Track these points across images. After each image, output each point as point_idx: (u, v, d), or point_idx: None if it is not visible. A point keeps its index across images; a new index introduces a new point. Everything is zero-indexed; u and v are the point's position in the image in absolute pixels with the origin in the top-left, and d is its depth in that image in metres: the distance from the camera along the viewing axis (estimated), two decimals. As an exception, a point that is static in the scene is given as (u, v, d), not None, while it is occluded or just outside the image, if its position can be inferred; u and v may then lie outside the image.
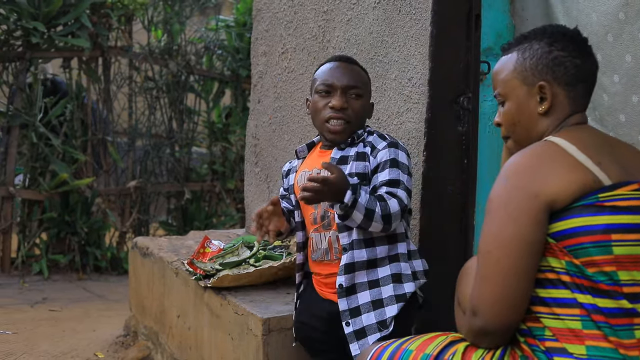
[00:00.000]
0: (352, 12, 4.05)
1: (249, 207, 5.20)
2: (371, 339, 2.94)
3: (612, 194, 2.12)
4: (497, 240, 2.15)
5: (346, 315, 3.00)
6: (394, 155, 3.00)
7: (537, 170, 2.16)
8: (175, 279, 4.33)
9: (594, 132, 2.34)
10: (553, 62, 2.34)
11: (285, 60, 4.72)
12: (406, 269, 3.06)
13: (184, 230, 8.17)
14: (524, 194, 2.13)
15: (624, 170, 2.19)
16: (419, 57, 3.60)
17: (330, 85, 3.12)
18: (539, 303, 2.17)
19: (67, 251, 7.67)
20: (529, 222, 2.12)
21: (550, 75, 2.34)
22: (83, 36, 7.50)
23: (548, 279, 2.15)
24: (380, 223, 2.86)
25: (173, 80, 8.41)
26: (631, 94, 2.83)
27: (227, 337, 3.71)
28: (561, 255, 2.13)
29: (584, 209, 2.11)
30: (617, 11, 2.88)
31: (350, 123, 3.10)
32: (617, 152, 2.26)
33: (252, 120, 5.20)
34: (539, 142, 2.27)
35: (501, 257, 2.14)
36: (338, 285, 3.01)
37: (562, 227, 2.13)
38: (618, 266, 2.09)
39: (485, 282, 2.17)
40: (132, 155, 8.41)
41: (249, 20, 8.24)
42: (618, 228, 2.10)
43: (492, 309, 2.15)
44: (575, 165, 2.15)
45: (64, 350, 5.01)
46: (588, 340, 2.08)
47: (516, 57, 2.41)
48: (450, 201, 3.61)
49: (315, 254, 3.16)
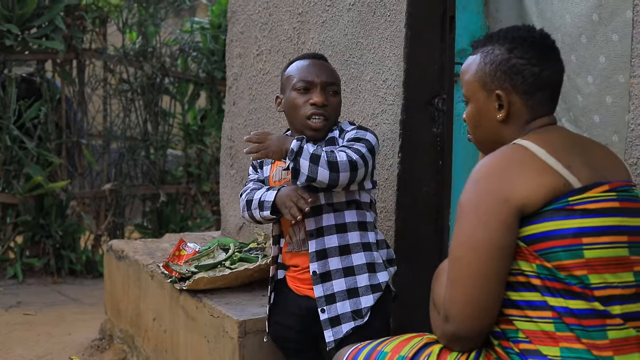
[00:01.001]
0: (326, 14, 4.05)
1: (225, 209, 5.19)
2: (345, 327, 2.99)
3: (582, 197, 2.13)
4: (468, 245, 2.16)
5: (322, 302, 3.03)
6: (361, 135, 3.04)
7: (507, 174, 2.15)
8: (151, 281, 4.32)
9: (563, 133, 2.34)
10: (511, 70, 2.32)
11: (261, 62, 4.72)
12: (378, 257, 3.11)
13: (159, 233, 8.14)
14: (494, 198, 2.13)
15: (595, 171, 2.20)
16: (394, 58, 3.60)
17: (310, 82, 3.12)
18: (511, 306, 2.18)
19: (42, 254, 7.62)
20: (499, 226, 2.12)
21: (508, 84, 2.33)
22: (57, 38, 7.45)
23: (519, 282, 2.16)
24: (326, 169, 2.87)
25: (148, 83, 8.36)
26: (605, 95, 2.85)
27: (203, 339, 3.70)
28: (532, 259, 2.13)
29: (554, 213, 2.12)
30: (591, 13, 2.89)
31: (329, 120, 3.12)
32: (588, 152, 2.26)
33: (228, 122, 5.19)
34: (509, 145, 2.26)
35: (472, 262, 2.14)
36: (312, 273, 3.04)
37: (533, 231, 2.13)
38: (589, 269, 2.10)
39: (457, 286, 2.17)
40: (107, 158, 8.35)
41: (224, 22, 8.21)
42: (589, 231, 2.11)
43: (463, 313, 2.16)
44: (545, 168, 2.15)
45: (39, 354, 4.98)
46: (562, 342, 2.09)
47: (478, 60, 2.39)
48: (425, 202, 3.62)
49: (291, 245, 3.16)
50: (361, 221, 3.09)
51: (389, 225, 3.64)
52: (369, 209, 3.14)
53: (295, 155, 2.89)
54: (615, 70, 2.81)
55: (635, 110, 2.62)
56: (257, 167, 3.36)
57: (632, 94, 2.64)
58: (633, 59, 2.65)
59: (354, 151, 2.95)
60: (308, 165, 2.87)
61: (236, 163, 5.05)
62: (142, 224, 8.55)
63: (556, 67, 2.36)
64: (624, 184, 2.22)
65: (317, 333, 3.11)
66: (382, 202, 3.66)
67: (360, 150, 2.96)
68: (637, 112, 2.61)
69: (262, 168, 3.34)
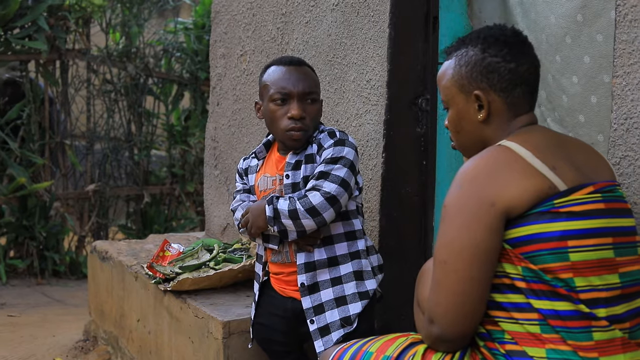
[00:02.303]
0: (310, 14, 4.05)
1: (209, 210, 5.18)
2: (335, 335, 2.98)
3: (567, 199, 2.13)
4: (453, 248, 2.15)
5: (310, 313, 3.01)
6: (337, 153, 2.99)
7: (492, 177, 2.15)
8: (135, 283, 4.30)
9: (547, 134, 2.34)
10: (487, 69, 2.33)
11: (244, 62, 4.71)
12: (366, 265, 3.09)
13: (143, 234, 8.13)
14: (479, 202, 2.13)
15: (579, 172, 2.20)
16: (378, 59, 3.61)
17: (287, 93, 3.06)
18: (496, 307, 2.18)
19: (26, 256, 7.59)
20: (484, 230, 2.12)
21: (485, 83, 2.34)
22: (40, 39, 7.43)
23: (504, 284, 2.16)
24: (309, 218, 2.90)
25: (131, 83, 8.35)
26: (590, 95, 2.85)
27: (187, 340, 3.69)
28: (517, 262, 2.13)
29: (539, 216, 2.12)
30: (575, 13, 2.90)
31: (308, 130, 3.08)
32: (572, 152, 2.26)
33: (212, 122, 5.19)
34: (493, 146, 2.26)
35: (457, 265, 2.14)
36: (300, 285, 3.02)
37: (518, 234, 2.13)
38: (574, 272, 2.10)
39: (441, 289, 2.17)
40: (90, 159, 8.33)
41: (208, 22, 8.20)
42: (574, 234, 2.11)
43: (448, 316, 2.16)
44: (530, 171, 2.15)
45: (22, 356, 4.96)
46: (548, 344, 2.09)
47: (453, 64, 2.41)
48: (409, 202, 3.62)
49: (275, 257, 3.15)
50: (349, 231, 3.08)
51: (373, 225, 3.64)
52: (356, 215, 3.12)
53: (275, 220, 2.95)
54: (599, 70, 2.81)
55: (618, 110, 2.63)
56: (242, 175, 3.34)
57: (614, 94, 2.65)
58: (616, 59, 2.66)
59: (332, 180, 2.94)
60: (292, 223, 2.93)
61: (220, 164, 5.04)
62: (126, 225, 8.53)
63: (531, 61, 2.36)
64: (608, 184, 2.22)
65: (303, 334, 3.10)
66: (367, 203, 3.66)
67: (338, 177, 2.94)
68: (620, 112, 2.62)
69: (247, 176, 3.32)
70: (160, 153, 9.19)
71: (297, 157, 3.08)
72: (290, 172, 3.06)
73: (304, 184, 3.03)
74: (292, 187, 3.05)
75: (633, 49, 2.59)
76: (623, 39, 2.62)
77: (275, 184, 3.10)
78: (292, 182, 3.05)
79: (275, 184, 3.10)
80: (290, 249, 3.08)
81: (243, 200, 3.25)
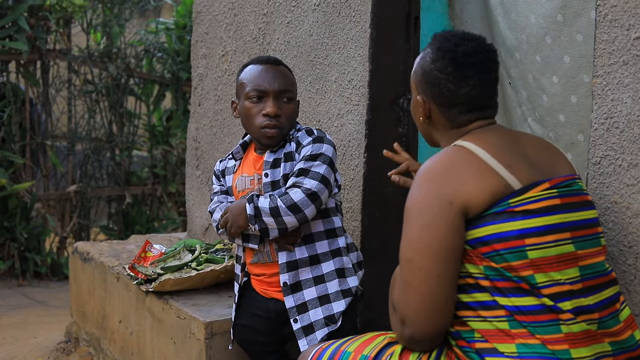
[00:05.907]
0: (291, 14, 4.05)
1: (191, 210, 5.18)
2: (319, 334, 2.99)
3: (522, 198, 2.15)
4: (417, 248, 2.18)
5: (293, 312, 3.02)
6: (316, 150, 3.01)
7: (450, 176, 2.18)
8: (117, 283, 4.30)
9: (503, 132, 2.36)
10: (431, 82, 2.37)
11: (226, 62, 4.71)
12: (348, 262, 3.11)
13: (125, 235, 8.10)
14: (438, 200, 2.16)
15: (535, 169, 2.23)
16: (359, 59, 3.61)
17: (263, 91, 3.07)
18: (463, 308, 2.20)
19: (7, 257, 7.56)
20: (445, 228, 2.14)
21: (428, 92, 2.39)
22: (21, 39, 7.40)
23: (469, 284, 2.19)
24: (290, 215, 2.92)
25: (113, 84, 8.32)
26: (570, 95, 2.86)
27: (169, 341, 3.69)
28: (478, 261, 2.16)
29: (496, 216, 2.14)
30: (555, 13, 2.91)
31: (283, 128, 3.09)
32: (528, 149, 2.30)
33: (193, 123, 5.18)
34: (450, 146, 2.30)
35: (422, 264, 2.16)
36: (282, 284, 3.03)
37: (477, 235, 2.15)
38: (534, 269, 2.13)
39: (409, 289, 2.19)
40: (71, 160, 8.30)
41: (189, 22, 8.19)
42: (531, 232, 2.14)
43: (418, 316, 2.17)
44: (487, 170, 2.17)
45: (4, 357, 4.95)
46: (518, 339, 2.11)
47: (418, 60, 2.45)
48: (391, 201, 3.63)
49: (256, 257, 3.15)
50: (329, 229, 3.09)
51: (354, 225, 3.64)
52: (335, 213, 3.13)
53: (256, 218, 2.96)
54: (579, 70, 2.83)
55: (598, 110, 2.65)
56: (219, 177, 3.34)
57: (595, 94, 2.66)
58: (596, 58, 2.67)
59: (312, 177, 2.96)
60: (273, 221, 2.93)
61: (202, 164, 5.04)
62: (107, 226, 8.51)
63: (474, 85, 2.34)
64: (564, 179, 2.25)
65: (285, 335, 3.11)
66: (348, 203, 3.67)
67: (318, 173, 2.97)
68: (600, 112, 2.63)
69: (224, 177, 3.32)
70: (141, 153, 9.17)
71: (275, 156, 3.09)
72: (269, 170, 3.07)
73: (284, 181, 3.04)
74: (272, 185, 3.06)
75: (613, 48, 2.60)
76: (603, 38, 2.63)
77: (254, 184, 3.11)
78: (271, 180, 3.06)
79: (254, 183, 3.11)
80: (272, 248, 3.08)
81: (221, 202, 3.25)
